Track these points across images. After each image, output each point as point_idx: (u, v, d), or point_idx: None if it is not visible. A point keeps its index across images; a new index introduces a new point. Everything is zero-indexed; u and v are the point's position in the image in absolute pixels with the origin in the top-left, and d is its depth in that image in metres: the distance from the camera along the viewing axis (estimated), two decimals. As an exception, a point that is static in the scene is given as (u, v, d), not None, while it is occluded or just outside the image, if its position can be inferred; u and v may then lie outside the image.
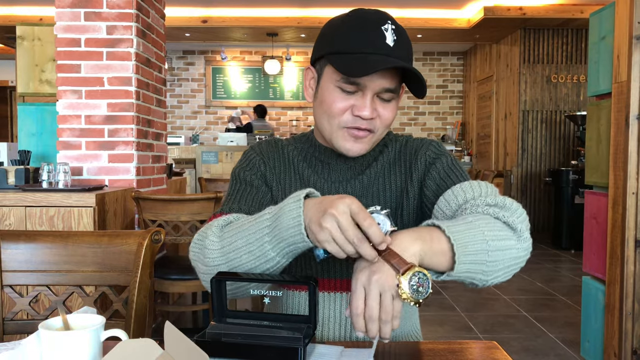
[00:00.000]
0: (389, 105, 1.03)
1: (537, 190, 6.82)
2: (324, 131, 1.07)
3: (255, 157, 1.14)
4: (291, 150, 1.16)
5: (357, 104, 1.00)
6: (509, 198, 0.98)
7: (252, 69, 8.66)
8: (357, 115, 1.00)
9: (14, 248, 1.28)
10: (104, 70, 2.92)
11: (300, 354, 0.73)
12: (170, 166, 3.83)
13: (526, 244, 0.95)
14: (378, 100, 1.02)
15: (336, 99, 1.01)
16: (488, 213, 0.92)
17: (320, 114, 1.06)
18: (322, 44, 1.05)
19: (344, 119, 1.02)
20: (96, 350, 0.78)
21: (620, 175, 2.47)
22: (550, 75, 6.72)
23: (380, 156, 1.15)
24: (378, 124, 1.03)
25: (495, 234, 0.88)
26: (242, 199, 1.06)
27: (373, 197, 1.12)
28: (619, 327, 2.48)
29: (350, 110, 1.01)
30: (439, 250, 0.82)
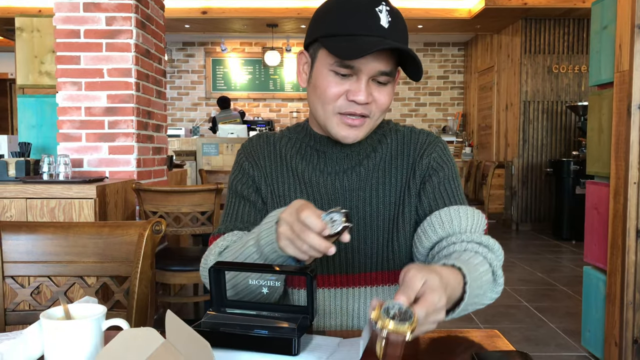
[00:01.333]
0: (384, 89, 1.00)
1: (538, 181, 6.81)
2: (318, 117, 1.05)
3: (245, 162, 1.12)
4: (284, 145, 1.13)
5: (352, 88, 0.97)
6: (491, 237, 1.03)
7: (252, 61, 8.63)
8: (352, 100, 0.98)
9: (14, 239, 1.28)
10: (104, 61, 2.91)
11: (295, 344, 0.73)
12: (171, 158, 3.82)
13: (499, 288, 1.00)
14: (373, 84, 0.99)
15: (330, 83, 0.98)
16: (479, 253, 0.97)
17: (314, 99, 1.04)
18: (315, 28, 1.02)
19: (338, 104, 0.99)
20: (97, 340, 0.78)
21: (621, 165, 2.47)
22: (551, 66, 6.69)
23: (380, 147, 1.10)
24: (374, 108, 1.00)
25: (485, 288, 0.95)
26: (239, 216, 1.08)
27: (372, 191, 1.07)
28: (620, 316, 2.48)
29: (345, 95, 0.98)
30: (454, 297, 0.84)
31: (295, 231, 0.80)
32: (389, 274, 1.06)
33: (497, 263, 0.99)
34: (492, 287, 0.99)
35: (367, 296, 1.06)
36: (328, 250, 0.78)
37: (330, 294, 1.05)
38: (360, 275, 1.05)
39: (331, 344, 0.79)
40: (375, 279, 1.06)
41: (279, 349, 0.73)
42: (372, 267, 1.06)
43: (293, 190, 1.08)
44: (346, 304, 1.06)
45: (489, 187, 5.65)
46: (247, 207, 1.08)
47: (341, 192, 1.07)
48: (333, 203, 1.05)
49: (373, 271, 1.06)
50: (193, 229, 2.65)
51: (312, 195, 1.07)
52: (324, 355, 0.74)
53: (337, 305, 1.05)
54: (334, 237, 0.78)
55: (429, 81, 8.79)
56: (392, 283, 1.07)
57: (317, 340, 0.80)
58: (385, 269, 1.06)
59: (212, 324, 0.78)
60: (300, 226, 0.79)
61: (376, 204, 1.06)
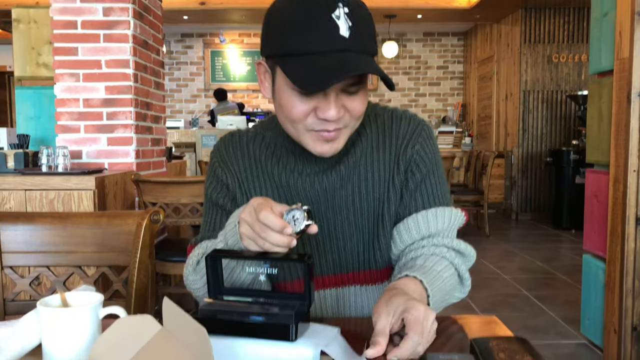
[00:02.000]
0: (357, 97, 0.90)
1: (537, 171, 6.80)
2: (290, 134, 0.96)
3: (218, 168, 1.06)
4: (257, 146, 1.05)
5: (320, 105, 0.87)
6: (463, 242, 1.03)
7: (251, 52, 8.60)
8: (323, 119, 0.88)
9: (12, 229, 1.28)
10: (101, 52, 2.90)
11: (292, 330, 0.73)
12: (170, 149, 3.82)
13: (467, 289, 1.03)
14: (343, 95, 0.88)
15: (295, 103, 0.88)
16: (446, 257, 0.98)
17: (281, 117, 0.95)
18: (269, 39, 0.91)
19: (308, 123, 0.90)
20: (95, 327, 0.78)
21: (621, 153, 2.46)
22: (551, 55, 6.66)
23: (359, 140, 1.03)
24: (348, 119, 0.91)
25: (451, 292, 0.98)
26: (216, 226, 1.04)
27: (354, 189, 1.01)
28: (619, 304, 2.49)
29: (314, 112, 0.89)
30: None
31: (255, 231, 0.79)
32: (377, 272, 1.04)
33: (463, 267, 1.00)
34: (460, 289, 1.02)
35: (358, 295, 1.04)
36: (290, 244, 0.78)
37: (320, 295, 1.03)
38: (349, 274, 1.03)
39: (329, 332, 0.79)
40: (364, 277, 1.04)
41: (276, 335, 0.73)
42: (360, 266, 1.03)
43: (270, 195, 1.02)
44: (337, 304, 1.04)
45: (488, 177, 5.65)
46: (225, 216, 1.02)
47: (322, 194, 1.01)
48: (314, 205, 1.01)
49: (361, 270, 1.03)
50: (193, 220, 2.64)
51: (291, 199, 1.01)
52: (321, 342, 0.73)
53: (328, 306, 1.03)
54: (298, 234, 0.78)
55: (429, 71, 8.76)
56: (381, 281, 1.05)
57: (315, 328, 0.80)
58: (373, 268, 1.04)
59: (209, 311, 0.78)
60: (260, 225, 0.78)
61: (359, 201, 1.02)
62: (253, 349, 0.73)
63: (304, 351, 0.72)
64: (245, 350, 0.73)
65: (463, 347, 0.85)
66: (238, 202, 1.04)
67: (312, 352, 0.71)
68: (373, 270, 1.04)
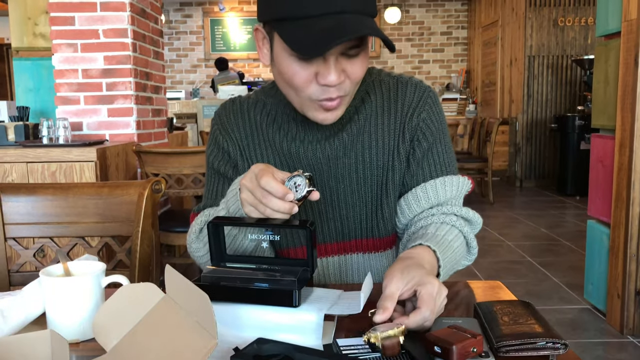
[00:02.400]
0: (357, 60, 0.88)
1: (542, 137, 6.75)
2: (292, 102, 0.94)
3: (219, 135, 1.05)
4: (258, 112, 1.04)
5: (321, 70, 0.85)
6: (470, 210, 1.03)
7: (251, 20, 8.47)
8: (324, 84, 0.86)
9: (14, 201, 1.27)
10: (99, 22, 2.85)
11: (295, 296, 0.72)
12: (171, 120, 3.79)
13: (472, 257, 1.05)
14: (343, 58, 0.86)
15: (295, 70, 0.86)
16: (455, 226, 0.98)
17: (282, 84, 0.93)
18: (265, 4, 0.88)
19: (310, 91, 0.88)
20: (98, 296, 0.78)
21: (627, 117, 2.43)
22: (557, 19, 6.54)
23: (362, 107, 1.01)
24: (348, 85, 0.89)
25: (459, 260, 0.99)
26: (218, 194, 1.04)
27: (357, 157, 1.00)
28: (623, 268, 2.49)
29: (315, 79, 0.87)
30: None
31: (257, 197, 0.79)
32: (380, 240, 1.04)
33: (471, 235, 1.01)
34: (466, 256, 1.03)
35: (361, 262, 1.04)
36: (292, 211, 0.77)
37: (323, 263, 1.03)
38: (352, 242, 1.03)
39: (332, 296, 0.78)
40: (367, 245, 1.04)
41: (279, 301, 0.73)
42: (362, 234, 1.03)
43: (272, 162, 1.01)
44: (339, 271, 1.04)
45: (493, 144, 5.61)
46: (227, 184, 1.02)
47: (324, 162, 1.00)
48: (317, 172, 1.00)
49: (364, 238, 1.03)
50: (195, 190, 2.64)
51: (294, 166, 1.00)
52: (324, 307, 0.73)
53: (330, 273, 1.03)
54: (300, 201, 0.78)
55: (432, 37, 8.63)
56: (384, 249, 1.05)
57: (318, 292, 0.79)
58: (376, 236, 1.03)
59: (212, 278, 0.78)
60: (261, 191, 0.78)
61: (362, 170, 1.00)
62: (256, 315, 0.73)
63: (308, 316, 0.72)
64: (248, 317, 0.73)
65: (467, 311, 0.85)
66: (239, 170, 1.03)
67: (315, 317, 0.71)
68: (376, 239, 1.04)
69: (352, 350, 0.70)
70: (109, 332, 0.70)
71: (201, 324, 0.61)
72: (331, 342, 0.72)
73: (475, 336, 0.66)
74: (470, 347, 0.65)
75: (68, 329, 0.75)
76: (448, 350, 0.64)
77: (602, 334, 2.56)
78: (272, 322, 0.72)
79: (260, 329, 0.72)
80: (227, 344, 0.69)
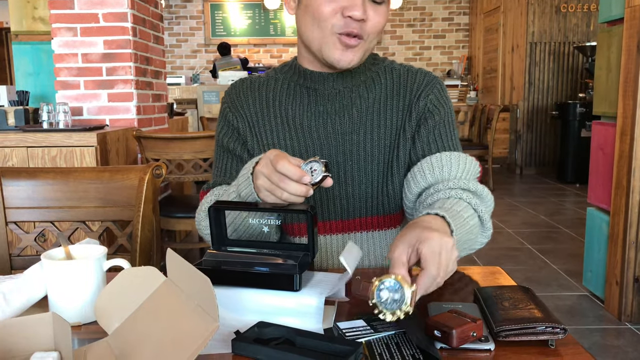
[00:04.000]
0: (380, 8, 0.96)
1: (543, 124, 6.74)
2: (312, 41, 0.99)
3: (229, 113, 1.08)
4: (271, 87, 1.08)
5: (348, 4, 0.93)
6: (480, 184, 0.98)
7: (251, 5, 8.40)
8: (348, 16, 0.93)
9: (15, 185, 1.27)
10: (98, 5, 2.83)
11: (296, 280, 0.73)
12: (172, 105, 3.78)
13: (488, 232, 0.97)
14: (369, 2, 0.95)
15: (323, 1, 0.94)
16: (462, 199, 0.93)
17: (306, 22, 0.98)
18: None
19: (334, 23, 0.94)
20: (99, 279, 0.78)
21: (629, 104, 2.42)
22: (559, 5, 6.49)
23: (373, 86, 1.06)
24: (369, 28, 0.96)
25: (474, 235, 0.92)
26: (227, 171, 1.07)
27: (365, 134, 1.03)
28: (622, 256, 2.50)
29: (340, 12, 0.93)
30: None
31: (273, 181, 0.79)
32: (384, 218, 1.05)
33: (483, 208, 0.94)
34: (481, 232, 0.96)
35: (364, 241, 1.05)
36: (308, 193, 0.78)
37: (326, 241, 1.04)
38: (355, 220, 1.04)
39: (333, 280, 0.79)
40: (372, 223, 1.05)
41: (280, 285, 0.73)
42: (367, 212, 1.04)
43: (282, 137, 1.04)
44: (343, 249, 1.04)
45: (493, 131, 5.60)
46: (235, 161, 1.06)
47: (333, 136, 1.03)
48: (325, 147, 1.02)
49: (369, 216, 1.04)
50: (196, 176, 2.64)
51: (304, 140, 1.03)
52: (325, 291, 0.74)
53: (333, 251, 1.04)
54: (315, 185, 0.79)
55: (434, 23, 8.57)
56: (388, 227, 1.06)
57: (319, 277, 0.80)
58: (380, 214, 1.04)
59: (213, 262, 0.78)
60: (278, 176, 0.78)
61: (370, 148, 1.03)
62: (257, 298, 0.73)
63: (309, 300, 0.72)
64: (249, 300, 0.74)
65: (467, 296, 0.85)
66: (248, 146, 1.06)
67: (316, 301, 0.72)
68: (380, 216, 1.05)
69: (353, 332, 0.70)
70: (110, 315, 0.70)
71: (202, 307, 0.62)
72: (331, 325, 0.72)
73: (475, 321, 0.66)
74: (470, 331, 0.65)
75: (70, 312, 0.75)
76: (448, 335, 0.65)
77: (600, 320, 2.57)
78: (273, 305, 0.73)
79: (261, 312, 0.73)
80: (228, 327, 0.70)
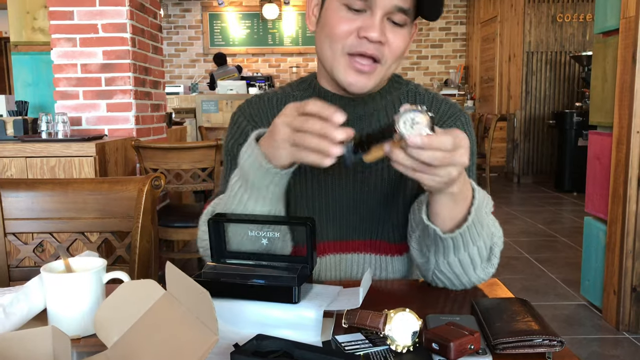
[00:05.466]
0: (400, 31, 0.90)
1: (540, 133, 6.76)
2: (325, 60, 0.95)
3: (247, 125, 1.02)
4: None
5: (364, 24, 0.88)
6: (492, 216, 0.95)
7: (250, 14, 8.45)
8: (364, 37, 0.88)
9: (14, 196, 1.28)
10: (98, 16, 2.84)
11: (295, 292, 0.73)
12: (170, 115, 3.79)
13: (491, 269, 0.92)
14: (388, 23, 0.89)
15: (341, 19, 0.89)
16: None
17: (322, 40, 0.94)
18: None
19: (348, 43, 0.90)
20: (99, 292, 0.78)
21: (625, 114, 2.44)
22: (555, 15, 6.54)
23: (394, 111, 1.00)
24: (387, 52, 0.90)
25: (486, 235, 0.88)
26: None
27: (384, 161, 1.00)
28: (619, 265, 2.51)
29: (356, 32, 0.89)
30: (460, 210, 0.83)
31: (296, 127, 0.72)
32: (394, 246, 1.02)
33: (496, 240, 0.92)
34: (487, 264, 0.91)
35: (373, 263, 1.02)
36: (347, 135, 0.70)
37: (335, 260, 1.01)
38: (366, 241, 1.01)
39: (331, 292, 0.79)
40: (381, 247, 1.02)
41: (279, 298, 0.73)
42: (379, 235, 1.01)
43: None
44: (351, 269, 1.02)
45: (491, 140, 5.62)
46: None
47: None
48: (343, 172, 0.99)
49: (379, 239, 1.01)
50: (194, 186, 2.65)
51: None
52: (324, 303, 0.74)
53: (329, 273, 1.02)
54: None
55: (431, 33, 8.62)
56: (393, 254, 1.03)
57: (317, 289, 0.80)
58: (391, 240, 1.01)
59: (212, 275, 0.78)
60: (303, 118, 0.71)
61: (387, 175, 0.99)
62: (256, 311, 0.74)
63: (307, 313, 0.72)
64: (248, 313, 0.74)
65: (464, 308, 0.86)
66: None
67: (314, 314, 0.72)
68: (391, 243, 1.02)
69: (352, 346, 0.71)
70: (110, 328, 0.71)
71: (202, 320, 0.62)
72: (330, 338, 0.73)
73: (473, 333, 0.66)
74: (468, 344, 0.65)
75: (69, 325, 0.76)
76: (446, 347, 0.65)
77: (598, 330, 2.57)
78: (271, 318, 0.73)
79: (260, 325, 0.73)
80: (226, 340, 0.70)
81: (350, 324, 0.72)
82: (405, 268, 1.05)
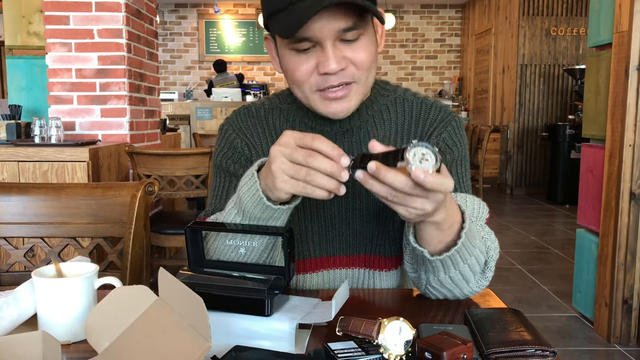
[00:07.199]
0: (358, 44, 0.86)
1: (533, 145, 6.81)
2: (301, 99, 0.93)
3: (236, 139, 1.00)
4: (276, 119, 1.01)
5: (320, 60, 0.85)
6: (487, 227, 0.94)
7: (246, 23, 8.47)
8: (324, 73, 0.85)
9: (6, 200, 1.27)
10: (94, 22, 2.84)
11: (267, 305, 0.72)
12: (164, 122, 3.79)
13: (484, 282, 0.91)
14: (342, 45, 0.85)
15: (295, 64, 0.87)
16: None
17: (290, 84, 0.93)
18: (262, 9, 0.90)
19: (312, 82, 0.87)
20: (90, 297, 0.78)
21: (617, 127, 2.46)
22: (549, 28, 6.60)
23: (382, 121, 0.99)
24: (354, 71, 0.87)
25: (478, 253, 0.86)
26: (228, 195, 0.97)
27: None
28: (611, 277, 2.52)
29: (315, 70, 0.86)
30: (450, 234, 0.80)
31: (296, 161, 0.71)
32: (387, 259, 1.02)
33: (492, 259, 0.90)
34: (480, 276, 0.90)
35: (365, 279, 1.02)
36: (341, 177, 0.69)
37: (329, 276, 1.01)
38: (360, 257, 1.01)
39: (307, 305, 0.78)
40: (374, 262, 1.01)
41: (251, 310, 0.72)
42: (372, 250, 1.00)
43: None
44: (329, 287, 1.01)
45: (484, 151, 5.65)
46: (237, 184, 0.94)
47: None
48: None
49: (372, 254, 1.01)
50: (187, 193, 2.64)
51: None
52: (297, 316, 0.73)
53: (336, 286, 1.01)
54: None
55: (426, 44, 8.68)
56: (389, 269, 1.02)
57: (294, 301, 0.79)
58: (384, 254, 1.01)
59: (187, 284, 0.77)
60: (305, 152, 0.70)
61: None
62: (231, 322, 0.72)
63: (280, 325, 0.71)
64: (221, 324, 0.72)
65: (457, 317, 0.86)
66: None
67: (287, 327, 0.71)
68: (383, 257, 1.01)
69: (344, 354, 0.70)
70: (101, 334, 0.70)
71: (194, 327, 0.62)
72: (304, 351, 0.72)
73: (466, 343, 0.66)
74: (461, 353, 0.65)
75: (60, 330, 0.75)
76: (439, 356, 0.65)
77: (589, 342, 2.58)
78: (246, 329, 0.72)
79: (236, 336, 0.72)
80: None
81: (344, 332, 0.72)
82: (397, 283, 1.05)
